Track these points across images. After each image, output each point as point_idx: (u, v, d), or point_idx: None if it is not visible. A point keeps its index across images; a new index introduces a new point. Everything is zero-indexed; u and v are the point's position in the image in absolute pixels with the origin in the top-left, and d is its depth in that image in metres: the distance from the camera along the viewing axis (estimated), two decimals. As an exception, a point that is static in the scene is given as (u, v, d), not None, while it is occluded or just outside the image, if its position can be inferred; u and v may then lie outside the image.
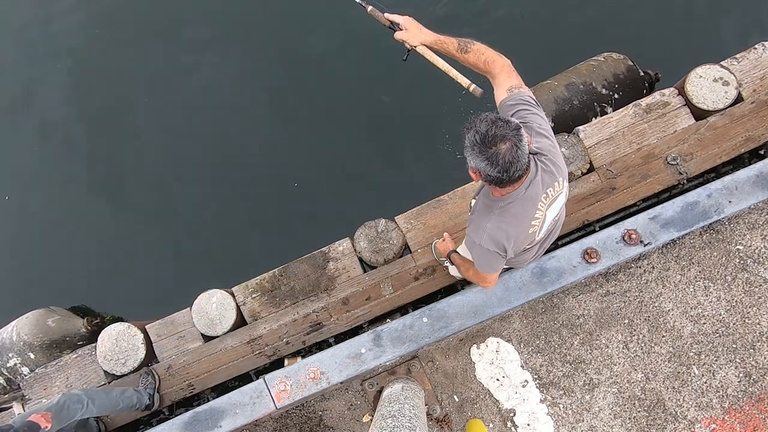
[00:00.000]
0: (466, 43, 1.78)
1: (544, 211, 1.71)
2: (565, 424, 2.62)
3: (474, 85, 1.83)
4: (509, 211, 1.66)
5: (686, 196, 2.60)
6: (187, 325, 3.07)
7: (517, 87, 1.75)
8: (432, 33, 1.82)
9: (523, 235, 1.73)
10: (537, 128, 1.69)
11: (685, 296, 2.70)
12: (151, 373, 2.99)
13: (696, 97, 2.91)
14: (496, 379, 2.69)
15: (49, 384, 3.11)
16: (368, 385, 2.74)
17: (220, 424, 2.58)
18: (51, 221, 4.24)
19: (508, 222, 1.67)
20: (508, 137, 1.45)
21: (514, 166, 1.48)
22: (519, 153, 1.47)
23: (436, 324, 2.54)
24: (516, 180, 1.55)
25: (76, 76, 4.45)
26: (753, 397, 2.57)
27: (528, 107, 1.71)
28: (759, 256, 2.70)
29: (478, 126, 1.48)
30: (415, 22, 1.83)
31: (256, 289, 3.06)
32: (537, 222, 1.72)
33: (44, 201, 4.28)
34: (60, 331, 3.35)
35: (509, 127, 1.46)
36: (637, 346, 2.67)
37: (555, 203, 1.75)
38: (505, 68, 1.77)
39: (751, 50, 3.01)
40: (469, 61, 1.79)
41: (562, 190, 1.75)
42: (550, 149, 1.69)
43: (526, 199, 1.64)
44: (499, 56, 1.78)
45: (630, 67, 3.37)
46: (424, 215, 3.01)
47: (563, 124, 3.24)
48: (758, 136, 2.88)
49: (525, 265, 2.13)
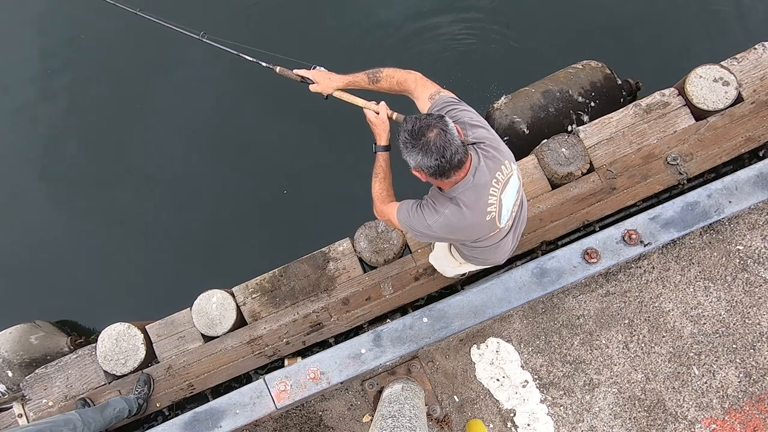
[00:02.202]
0: (374, 73, 1.86)
1: (497, 195, 1.74)
2: (565, 424, 2.62)
3: (396, 113, 1.89)
4: (462, 199, 1.69)
5: (686, 197, 2.60)
6: (187, 325, 3.07)
7: (437, 93, 1.80)
8: (341, 77, 1.91)
9: (481, 220, 1.75)
10: (469, 121, 1.74)
11: (686, 296, 2.70)
12: (149, 382, 2.98)
13: (696, 98, 2.91)
14: (497, 379, 2.69)
15: (49, 384, 3.11)
16: (368, 385, 2.74)
17: (220, 424, 2.58)
18: (50, 222, 4.23)
19: (465, 210, 1.70)
20: (432, 125, 1.53)
21: (449, 150, 1.53)
22: (448, 136, 1.53)
23: (436, 324, 2.54)
24: (457, 166, 1.58)
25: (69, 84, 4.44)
26: (753, 398, 2.57)
27: (454, 105, 1.76)
28: (759, 257, 2.70)
29: (404, 126, 1.56)
30: (323, 73, 1.93)
31: (257, 289, 3.06)
32: (493, 208, 1.74)
33: (43, 201, 4.28)
34: (42, 349, 3.34)
35: (432, 117, 1.54)
36: (637, 347, 2.67)
37: (508, 186, 1.77)
38: (418, 81, 1.83)
39: (751, 50, 3.01)
40: (383, 88, 1.87)
41: (512, 172, 1.77)
42: (487, 137, 1.73)
43: (476, 186, 1.67)
44: (408, 73, 1.85)
45: (608, 75, 3.40)
46: (424, 215, 3.01)
47: (539, 131, 3.27)
48: (758, 136, 2.88)
49: (504, 256, 2.12)
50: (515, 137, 3.32)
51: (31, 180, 4.33)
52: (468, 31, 4.17)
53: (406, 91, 1.87)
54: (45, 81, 4.43)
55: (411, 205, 1.82)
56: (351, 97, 1.94)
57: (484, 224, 1.77)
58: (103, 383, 3.09)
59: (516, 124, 3.28)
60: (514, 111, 3.30)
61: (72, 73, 4.43)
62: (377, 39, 4.23)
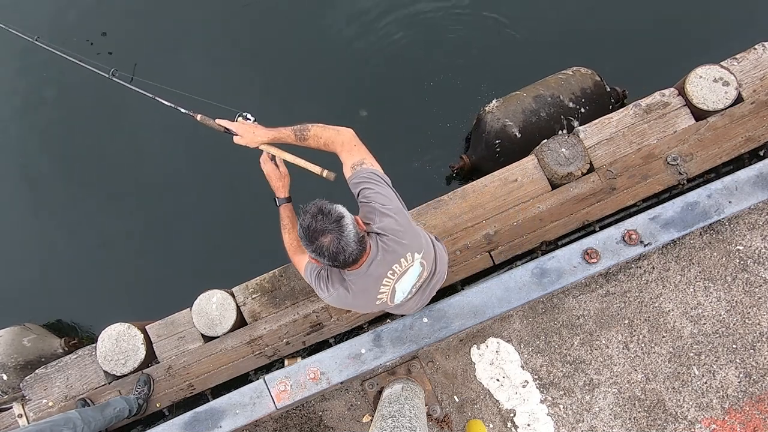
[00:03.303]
0: (302, 130, 1.80)
1: (391, 285, 1.74)
2: (565, 424, 2.62)
3: (326, 170, 1.86)
4: (352, 287, 1.69)
5: (686, 197, 2.60)
6: (187, 325, 3.07)
7: (359, 163, 1.75)
8: (267, 131, 1.85)
9: (370, 305, 1.77)
10: (380, 208, 1.69)
11: (685, 296, 2.70)
12: (149, 383, 2.98)
13: (696, 98, 2.91)
14: (497, 379, 2.69)
15: (49, 384, 3.11)
16: (368, 385, 2.74)
17: (220, 425, 2.58)
18: (50, 222, 4.23)
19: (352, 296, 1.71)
20: (327, 230, 1.50)
21: (342, 255, 1.53)
22: (342, 243, 1.51)
23: (436, 324, 2.54)
24: (352, 263, 1.58)
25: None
26: (753, 398, 2.57)
27: (371, 185, 1.71)
28: (759, 257, 2.70)
29: (303, 218, 1.54)
30: (248, 126, 1.87)
31: (257, 289, 3.06)
32: (384, 295, 1.75)
33: (39, 201, 4.28)
34: (36, 351, 3.33)
35: (329, 220, 1.51)
36: (637, 347, 2.67)
37: (405, 276, 1.77)
38: (345, 145, 1.78)
39: (751, 50, 3.00)
40: (311, 146, 1.83)
41: (413, 263, 1.76)
42: (393, 228, 1.68)
43: (368, 276, 1.67)
44: (338, 133, 1.79)
45: (597, 82, 3.44)
46: (424, 215, 3.01)
47: (530, 136, 3.31)
48: (758, 136, 2.88)
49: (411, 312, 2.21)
50: (507, 141, 3.33)
51: (31, 181, 4.34)
52: (458, 32, 4.19)
53: (333, 152, 1.83)
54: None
55: (312, 270, 1.82)
56: (285, 154, 1.87)
57: (373, 306, 1.79)
58: (103, 383, 3.09)
59: (508, 128, 3.29)
60: (506, 115, 3.32)
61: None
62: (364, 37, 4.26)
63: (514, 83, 3.50)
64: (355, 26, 4.27)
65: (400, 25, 4.24)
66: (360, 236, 1.57)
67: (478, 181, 3.02)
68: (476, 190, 3.01)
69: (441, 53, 4.13)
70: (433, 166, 3.97)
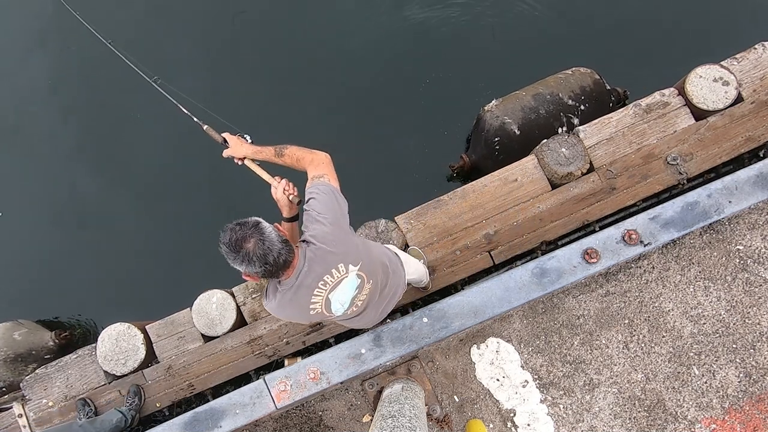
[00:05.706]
0: (281, 148, 1.93)
1: (324, 295, 1.76)
2: (565, 424, 2.62)
3: (294, 195, 1.96)
4: (284, 297, 1.72)
5: (686, 196, 2.60)
6: (187, 325, 3.07)
7: (319, 176, 1.83)
8: (252, 147, 2.01)
9: (304, 315, 1.80)
10: (316, 216, 1.73)
11: (685, 296, 2.70)
12: (139, 393, 2.98)
13: (696, 97, 2.91)
14: (497, 379, 2.69)
15: (49, 384, 3.11)
16: (368, 385, 2.74)
17: (220, 424, 2.58)
18: (48, 222, 4.23)
19: (285, 305, 1.74)
20: (248, 236, 1.54)
21: (270, 256, 1.56)
22: (267, 243, 1.55)
23: (436, 324, 2.54)
24: (284, 266, 1.61)
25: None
26: (753, 398, 2.57)
27: (318, 195, 1.76)
28: (759, 256, 2.70)
29: (221, 238, 1.57)
30: (239, 140, 2.02)
31: (257, 289, 3.06)
32: (318, 305, 1.78)
33: (37, 202, 4.28)
34: (26, 345, 3.34)
35: (247, 227, 1.56)
36: (637, 347, 2.67)
37: (340, 286, 1.79)
38: (314, 162, 1.87)
39: (751, 50, 3.00)
40: (287, 163, 1.92)
41: (346, 275, 1.78)
42: (324, 236, 1.71)
43: (300, 287, 1.70)
44: (312, 153, 1.89)
45: (597, 81, 3.46)
46: (424, 215, 3.01)
47: (529, 133, 3.32)
48: (758, 136, 2.88)
49: (369, 325, 2.24)
50: (506, 138, 3.33)
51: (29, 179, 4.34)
52: (458, 32, 4.20)
53: (304, 170, 1.91)
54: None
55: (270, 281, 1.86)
56: (259, 168, 2.02)
57: (309, 316, 1.81)
58: (103, 383, 3.09)
59: (507, 125, 3.30)
60: (505, 113, 3.33)
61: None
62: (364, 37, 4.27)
63: (514, 84, 3.51)
64: (354, 26, 4.27)
65: (401, 26, 4.24)
66: (283, 238, 1.61)
67: (478, 181, 3.02)
68: (476, 190, 3.01)
69: (441, 54, 4.14)
70: (433, 166, 3.98)
